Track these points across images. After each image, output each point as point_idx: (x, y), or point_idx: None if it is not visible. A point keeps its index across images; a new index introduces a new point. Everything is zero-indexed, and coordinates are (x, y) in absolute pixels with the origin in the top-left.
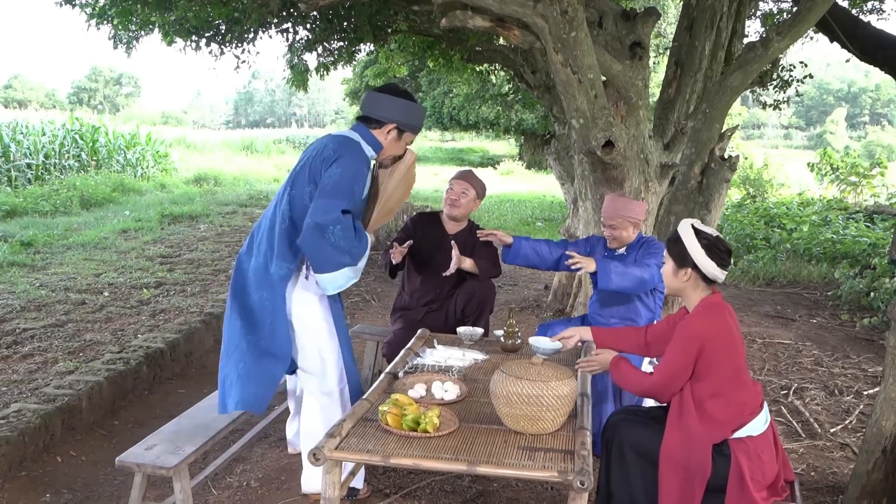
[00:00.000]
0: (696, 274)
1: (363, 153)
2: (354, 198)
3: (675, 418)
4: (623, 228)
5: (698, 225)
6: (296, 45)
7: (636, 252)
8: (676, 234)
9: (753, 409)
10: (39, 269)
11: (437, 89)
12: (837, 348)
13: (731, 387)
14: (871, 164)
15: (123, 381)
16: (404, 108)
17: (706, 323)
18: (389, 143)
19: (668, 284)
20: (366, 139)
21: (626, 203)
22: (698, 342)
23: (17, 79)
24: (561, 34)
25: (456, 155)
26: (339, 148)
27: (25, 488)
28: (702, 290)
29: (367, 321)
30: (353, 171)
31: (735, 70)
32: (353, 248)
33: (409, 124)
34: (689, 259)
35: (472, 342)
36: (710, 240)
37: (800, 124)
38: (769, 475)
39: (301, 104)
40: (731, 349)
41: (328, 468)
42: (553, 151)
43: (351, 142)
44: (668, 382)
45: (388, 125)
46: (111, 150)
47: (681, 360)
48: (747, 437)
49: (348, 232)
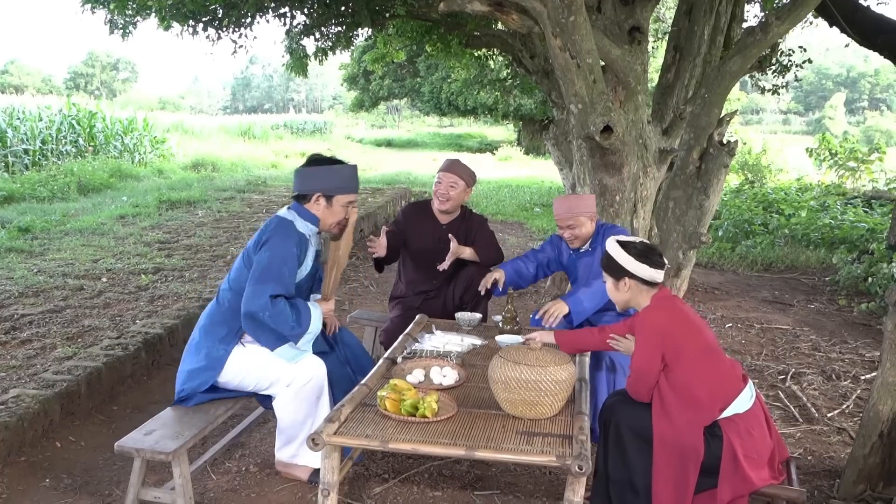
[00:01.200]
0: (635, 281)
1: (293, 233)
2: (284, 280)
3: (658, 408)
4: (580, 225)
5: (622, 238)
6: (293, 29)
7: (600, 245)
8: (606, 253)
9: (734, 384)
10: (37, 254)
11: (435, 74)
12: (835, 333)
13: (704, 366)
14: (870, 149)
15: (122, 366)
16: (323, 175)
17: (659, 314)
18: (323, 212)
19: (615, 300)
20: (301, 215)
21: (576, 200)
22: (656, 333)
23: (13, 64)
24: (559, 18)
25: (454, 140)
26: (269, 231)
27: (25, 473)
28: (646, 292)
29: (365, 307)
30: (280, 254)
31: (734, 55)
32: (291, 329)
33: (332, 188)
34: (623, 270)
35: (470, 327)
36: (637, 247)
37: (798, 109)
38: (763, 452)
39: (299, 89)
40: (691, 330)
41: (327, 453)
42: (551, 137)
43: (283, 223)
44: (640, 380)
45: (314, 195)
46: (108, 135)
47: (646, 355)
48: (735, 415)
49: (281, 315)
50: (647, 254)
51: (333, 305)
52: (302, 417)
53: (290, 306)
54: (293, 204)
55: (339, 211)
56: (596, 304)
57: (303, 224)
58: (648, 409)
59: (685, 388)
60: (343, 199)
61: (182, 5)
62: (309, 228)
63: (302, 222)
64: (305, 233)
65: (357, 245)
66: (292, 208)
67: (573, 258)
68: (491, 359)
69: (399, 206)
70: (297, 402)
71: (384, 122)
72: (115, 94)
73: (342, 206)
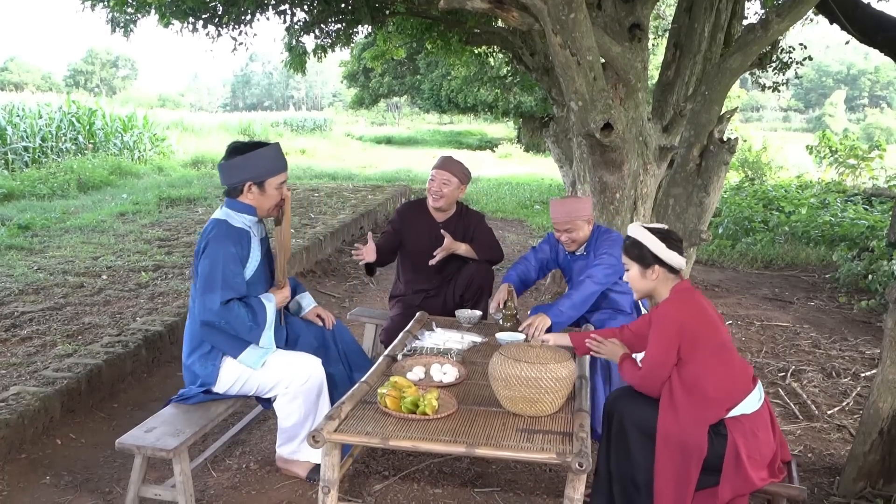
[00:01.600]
0: (663, 269)
1: (231, 232)
2: (231, 282)
3: (666, 403)
4: (578, 229)
5: (647, 224)
6: (293, 26)
7: (594, 249)
8: (633, 239)
9: (745, 385)
10: (37, 252)
11: (435, 72)
12: (835, 331)
13: (718, 364)
14: (870, 146)
15: (122, 363)
16: (248, 163)
17: (679, 307)
18: (257, 199)
19: (637, 289)
20: (236, 209)
21: (572, 203)
22: (675, 326)
23: (13, 61)
24: (560, 16)
25: (454, 138)
26: (206, 237)
27: (25, 471)
28: (671, 281)
29: (364, 304)
30: (220, 257)
31: (734, 52)
32: (250, 330)
33: (261, 173)
34: (653, 257)
35: (470, 325)
36: (663, 233)
37: (799, 107)
38: (766, 454)
39: (299, 87)
40: (709, 326)
41: (327, 450)
42: (552, 134)
43: (218, 225)
44: (653, 373)
45: (244, 186)
46: (108, 133)
47: (662, 348)
48: (742, 415)
49: (237, 319)
50: (673, 240)
51: (288, 292)
52: (302, 417)
53: (244, 307)
54: (226, 200)
55: (273, 194)
56: (578, 313)
57: (239, 218)
58: (653, 405)
59: (696, 385)
60: (275, 182)
61: (182, 2)
62: (246, 220)
63: (237, 216)
64: (244, 226)
65: (356, 242)
66: (225, 205)
67: (568, 260)
68: (491, 356)
69: (399, 203)
70: (296, 402)
71: (384, 119)
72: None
73: (275, 188)
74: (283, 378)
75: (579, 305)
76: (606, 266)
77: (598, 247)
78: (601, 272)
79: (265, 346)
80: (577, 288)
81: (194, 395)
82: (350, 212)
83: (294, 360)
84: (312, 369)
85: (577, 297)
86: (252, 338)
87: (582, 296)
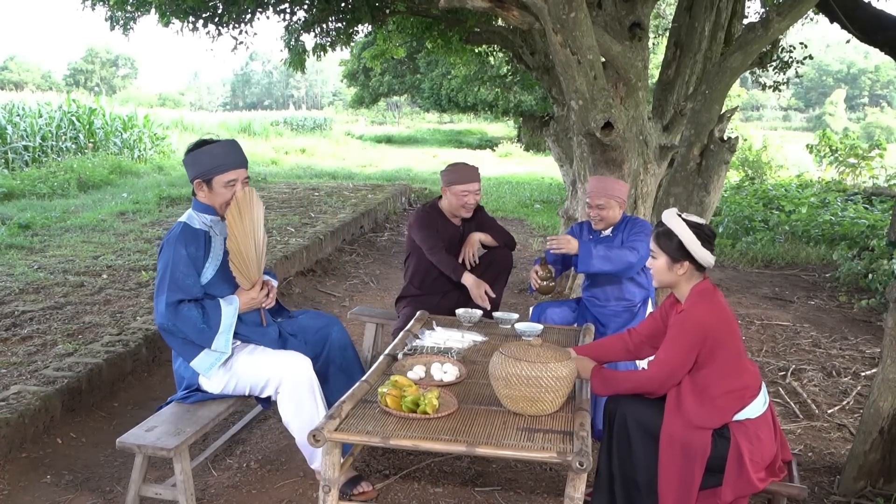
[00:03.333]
0: (692, 265)
1: (186, 234)
2: (180, 284)
3: (673, 405)
4: (610, 208)
5: (684, 214)
6: (293, 25)
7: (622, 233)
8: (666, 227)
9: (753, 391)
10: (37, 251)
11: (435, 70)
12: (835, 330)
13: (733, 372)
14: (870, 145)
15: (123, 363)
16: (196, 160)
17: (706, 311)
18: (208, 197)
19: (661, 280)
20: (196, 209)
21: (612, 182)
22: (701, 332)
23: (12, 60)
24: (560, 15)
25: (454, 137)
26: (163, 241)
27: (26, 470)
28: (695, 279)
29: (365, 303)
30: (170, 260)
31: (735, 51)
32: (200, 333)
33: (208, 170)
34: (684, 252)
35: (470, 324)
36: (698, 227)
37: (799, 106)
38: (768, 456)
39: (299, 86)
40: (731, 333)
41: (328, 449)
42: (552, 133)
43: (175, 227)
44: (667, 377)
45: (195, 183)
46: (108, 132)
47: (682, 353)
48: (746, 419)
49: (186, 320)
50: (706, 236)
51: (256, 293)
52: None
53: (196, 308)
54: (192, 200)
55: (222, 192)
56: (603, 265)
57: (199, 218)
58: (656, 406)
59: (706, 390)
60: (222, 180)
61: (182, 1)
62: (206, 220)
63: (198, 217)
64: (203, 226)
65: (356, 241)
66: (191, 206)
67: (591, 240)
68: (492, 355)
69: (399, 202)
70: (293, 402)
71: (384, 118)
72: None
73: (223, 186)
74: (273, 376)
75: (611, 260)
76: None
77: (627, 231)
78: (643, 248)
79: (220, 349)
80: (618, 247)
81: (192, 395)
82: (350, 211)
83: (280, 359)
84: (297, 366)
85: (614, 251)
86: (203, 341)
87: (618, 254)
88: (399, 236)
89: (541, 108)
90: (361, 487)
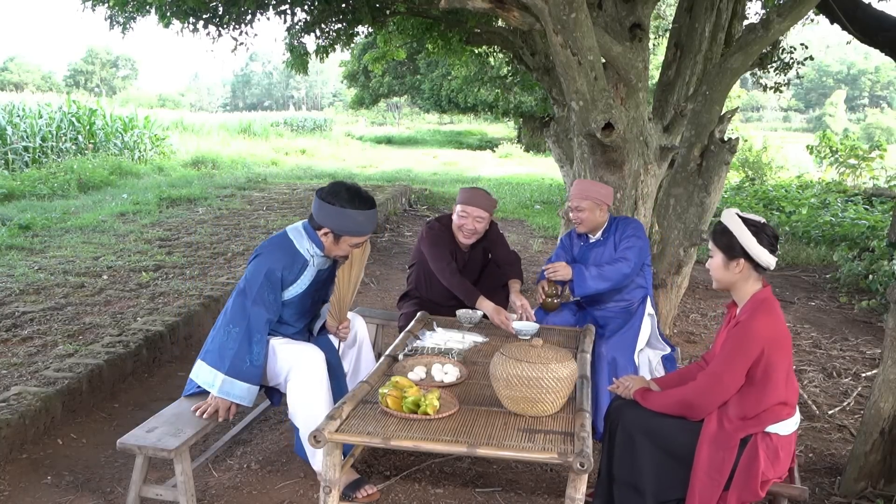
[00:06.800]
0: (749, 264)
1: (287, 252)
2: (265, 298)
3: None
4: (589, 210)
5: (743, 213)
6: (294, 27)
7: (613, 235)
8: (723, 225)
9: (790, 410)
10: (38, 252)
11: (435, 71)
12: (836, 331)
13: (779, 391)
14: (870, 146)
15: (123, 364)
16: (334, 215)
17: (765, 324)
18: (329, 245)
19: (718, 279)
20: (310, 236)
21: (591, 185)
22: (759, 346)
23: (13, 61)
24: (561, 15)
25: (454, 138)
26: (263, 246)
27: (27, 471)
28: (753, 280)
29: (366, 304)
30: (263, 271)
31: (735, 52)
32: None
33: (341, 230)
34: (739, 249)
35: (471, 325)
36: (757, 226)
37: (799, 107)
38: (776, 475)
39: (299, 87)
40: (786, 350)
41: (328, 450)
42: (552, 134)
43: (281, 240)
44: (717, 390)
45: (324, 228)
46: (108, 133)
47: (737, 365)
48: (774, 433)
49: (237, 339)
50: (766, 235)
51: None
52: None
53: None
54: (305, 223)
55: (345, 248)
56: (599, 285)
57: (308, 244)
58: (661, 415)
59: (752, 409)
60: (350, 241)
61: (182, 2)
62: (313, 251)
63: (308, 242)
64: (307, 253)
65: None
66: (304, 227)
67: (583, 249)
68: (492, 356)
69: (399, 203)
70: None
71: (384, 119)
72: (115, 91)
73: (349, 245)
74: (286, 365)
75: (606, 277)
76: (638, 249)
77: (618, 233)
78: (633, 255)
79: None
80: (611, 264)
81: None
82: None
83: (297, 348)
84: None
85: (607, 269)
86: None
87: (611, 270)
88: (399, 237)
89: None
90: (365, 490)
